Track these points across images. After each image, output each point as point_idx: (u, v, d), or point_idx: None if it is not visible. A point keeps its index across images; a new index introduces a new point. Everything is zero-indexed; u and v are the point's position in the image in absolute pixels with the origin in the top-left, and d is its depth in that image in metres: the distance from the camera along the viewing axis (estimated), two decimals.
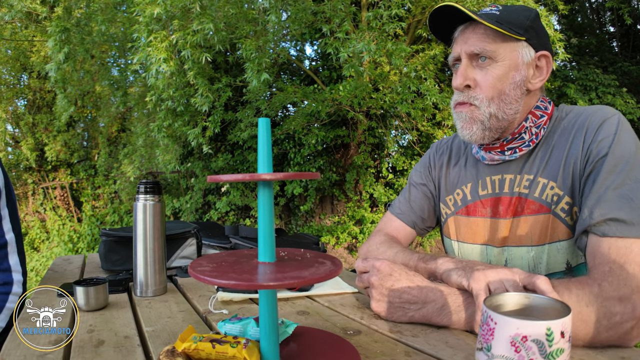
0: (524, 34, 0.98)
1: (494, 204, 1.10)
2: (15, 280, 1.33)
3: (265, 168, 0.66)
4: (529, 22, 0.99)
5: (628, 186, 0.86)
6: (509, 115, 1.01)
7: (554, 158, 1.00)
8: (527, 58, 1.00)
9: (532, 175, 1.03)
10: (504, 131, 1.04)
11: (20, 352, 0.77)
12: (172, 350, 0.68)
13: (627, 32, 9.86)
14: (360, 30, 4.45)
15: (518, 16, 1.00)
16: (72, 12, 5.33)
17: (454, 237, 1.22)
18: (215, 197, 7.38)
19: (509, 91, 0.99)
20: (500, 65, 0.99)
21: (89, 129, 9.37)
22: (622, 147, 0.90)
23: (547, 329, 0.55)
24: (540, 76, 1.03)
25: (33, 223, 8.57)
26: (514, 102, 1.00)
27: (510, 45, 0.99)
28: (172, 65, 4.31)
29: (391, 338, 0.84)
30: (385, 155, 7.80)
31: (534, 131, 1.03)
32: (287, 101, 6.18)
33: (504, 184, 1.08)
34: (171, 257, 1.48)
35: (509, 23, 0.98)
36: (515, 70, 0.99)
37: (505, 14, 0.99)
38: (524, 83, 1.00)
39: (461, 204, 1.18)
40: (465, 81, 1.01)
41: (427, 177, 1.31)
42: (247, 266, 0.65)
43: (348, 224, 7.19)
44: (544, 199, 1.00)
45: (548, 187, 1.00)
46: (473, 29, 1.01)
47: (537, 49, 1.01)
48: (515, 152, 1.05)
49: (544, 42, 1.03)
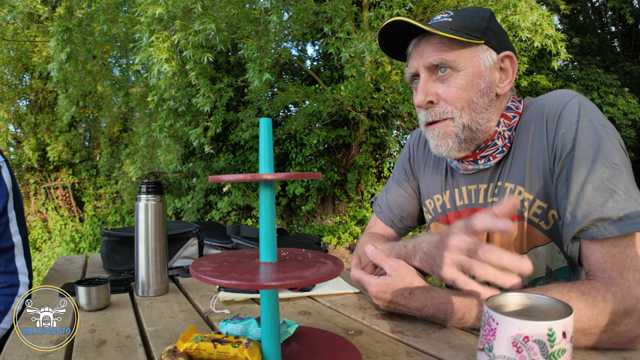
0: (481, 37, 0.92)
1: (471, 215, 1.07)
2: (21, 282, 1.34)
3: (266, 168, 0.67)
4: (485, 24, 0.93)
5: (606, 175, 0.79)
6: (481, 124, 0.94)
7: (517, 159, 0.95)
8: (489, 62, 0.93)
9: (500, 182, 0.98)
10: (478, 142, 0.98)
11: (22, 352, 0.77)
12: (173, 350, 0.68)
13: (628, 32, 9.84)
14: (362, 30, 4.45)
15: (472, 19, 0.93)
16: (73, 12, 5.34)
17: None
18: (217, 197, 7.39)
19: (477, 99, 0.93)
20: (463, 74, 0.92)
21: (91, 129, 9.39)
22: (587, 134, 0.83)
23: (548, 329, 0.55)
24: (507, 78, 0.97)
25: (35, 223, 8.59)
26: (484, 110, 0.94)
27: (469, 52, 0.92)
28: (174, 65, 4.32)
29: (393, 338, 0.84)
30: (386, 155, 7.80)
31: (506, 135, 0.97)
32: (289, 101, 6.18)
33: (479, 194, 1.03)
34: (173, 257, 1.48)
35: (464, 28, 0.91)
36: (479, 77, 0.93)
37: (458, 19, 0.93)
38: (490, 89, 0.94)
39: (441, 211, 1.14)
40: (427, 97, 0.94)
41: (409, 172, 1.25)
42: (248, 266, 0.65)
43: (349, 224, 7.19)
44: None
45: (516, 192, 0.94)
46: (427, 41, 0.94)
47: (498, 51, 0.95)
48: (489, 160, 0.99)
49: (504, 42, 0.96)
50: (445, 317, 0.85)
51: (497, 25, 0.96)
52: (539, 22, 4.56)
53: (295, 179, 6.38)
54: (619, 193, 0.77)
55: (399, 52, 1.03)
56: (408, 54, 1.00)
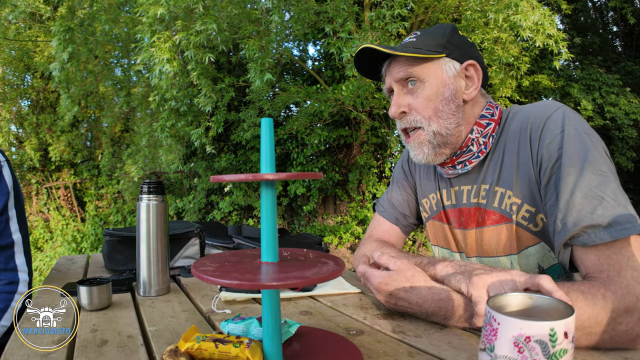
0: (442, 50, 1.01)
1: (457, 215, 1.13)
2: (21, 279, 1.35)
3: (268, 168, 0.67)
4: (446, 39, 1.02)
5: (594, 183, 0.81)
6: (450, 129, 1.02)
7: (506, 165, 1.00)
8: (452, 71, 1.02)
9: (487, 184, 1.03)
10: (453, 146, 1.05)
11: (24, 352, 0.78)
12: (175, 350, 0.68)
13: (630, 32, 9.83)
14: (363, 30, 4.44)
15: (434, 36, 1.03)
16: (75, 12, 5.34)
17: (434, 242, 1.24)
18: (218, 197, 7.39)
19: (442, 107, 1.01)
20: (428, 85, 1.01)
21: (93, 129, 9.39)
22: (573, 143, 0.87)
23: (550, 330, 0.55)
24: (473, 85, 1.04)
25: (37, 223, 8.60)
26: (451, 116, 1.02)
27: (432, 64, 1.02)
28: (176, 65, 4.32)
29: (394, 338, 0.84)
30: (388, 155, 7.79)
31: (481, 141, 1.04)
32: (290, 101, 6.17)
33: (462, 195, 1.10)
34: (174, 257, 1.48)
35: (426, 45, 1.02)
36: (443, 87, 1.01)
37: (421, 39, 1.04)
38: (455, 96, 1.02)
39: (436, 209, 1.20)
40: (400, 108, 1.05)
41: (408, 173, 1.33)
42: (250, 266, 0.65)
43: (351, 224, 7.19)
44: (504, 208, 1.00)
45: (506, 196, 0.99)
46: (396, 60, 1.05)
47: (461, 61, 1.03)
48: (465, 165, 1.07)
49: (467, 52, 1.05)
50: (446, 315, 0.85)
51: (460, 38, 1.06)
52: (540, 22, 4.55)
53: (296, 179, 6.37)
54: (608, 200, 0.79)
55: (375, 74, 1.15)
56: (383, 74, 1.12)
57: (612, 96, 7.67)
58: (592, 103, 7.55)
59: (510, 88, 6.86)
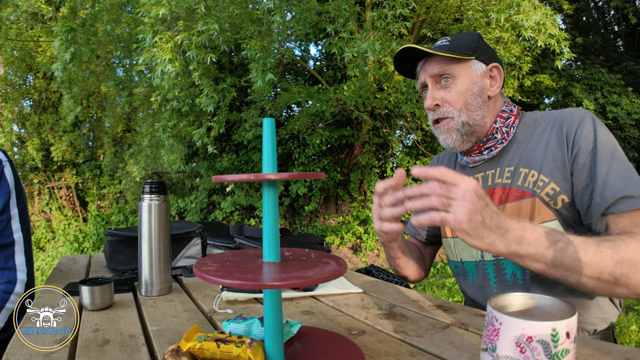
0: (472, 53, 1.17)
1: None
2: (18, 279, 1.34)
3: (269, 168, 0.67)
4: (475, 44, 1.19)
5: (622, 168, 1.00)
6: (477, 120, 1.18)
7: (533, 151, 1.14)
8: (480, 71, 1.18)
9: (512, 166, 1.17)
10: (478, 136, 1.20)
11: (26, 351, 0.78)
12: (177, 350, 0.68)
13: (632, 32, 9.81)
14: (365, 30, 4.44)
15: (464, 41, 1.19)
16: (77, 12, 5.35)
17: (449, 235, 1.32)
18: (220, 197, 7.40)
19: (472, 101, 1.17)
20: (460, 81, 1.17)
21: (95, 129, 9.41)
22: (604, 138, 1.05)
23: (552, 330, 0.55)
24: (496, 83, 1.21)
25: (39, 223, 8.61)
26: (479, 109, 1.18)
27: (464, 65, 1.18)
28: (177, 65, 4.32)
29: (396, 338, 0.84)
30: (389, 155, 7.79)
31: (504, 130, 1.20)
32: (292, 101, 6.17)
33: (487, 179, 1.22)
34: (176, 257, 1.48)
35: (458, 48, 1.17)
36: (472, 84, 1.17)
37: (454, 43, 1.19)
38: (482, 92, 1.18)
39: None
40: (435, 101, 1.19)
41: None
42: (251, 266, 0.65)
43: (352, 224, 7.19)
44: (527, 186, 1.12)
45: (529, 175, 1.12)
46: (432, 60, 1.20)
47: (487, 63, 1.19)
48: (491, 150, 1.21)
49: (491, 56, 1.22)
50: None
51: (485, 44, 1.23)
52: (542, 22, 4.54)
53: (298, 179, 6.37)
54: (636, 180, 0.98)
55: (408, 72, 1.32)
56: (417, 72, 1.27)
57: (614, 96, 7.66)
58: (594, 103, 7.54)
59: (512, 88, 6.86)
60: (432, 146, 7.32)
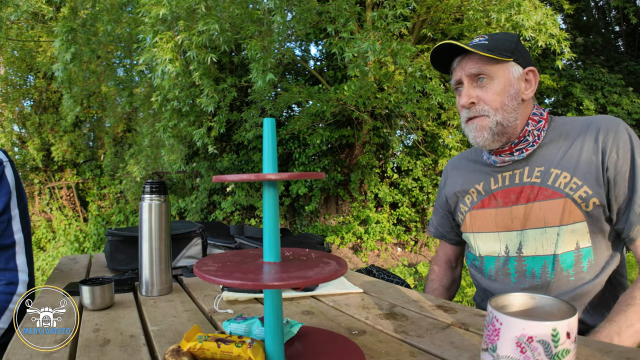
0: (511, 55, 1.18)
1: (506, 195, 1.26)
2: (20, 280, 1.34)
3: (270, 168, 0.67)
4: (514, 46, 1.19)
5: None
6: (511, 122, 1.19)
7: (568, 155, 1.16)
8: (516, 74, 1.19)
9: (543, 167, 1.19)
10: (509, 136, 1.21)
11: (27, 351, 0.78)
12: (177, 350, 0.68)
13: (632, 31, 9.80)
14: (365, 30, 4.44)
15: (504, 42, 1.19)
16: (78, 12, 5.35)
17: (470, 230, 1.35)
18: (221, 197, 7.40)
19: (508, 102, 1.18)
20: (497, 82, 1.18)
21: (95, 129, 9.40)
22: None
23: (552, 330, 0.55)
24: (530, 87, 1.22)
25: (39, 223, 8.61)
26: (513, 111, 1.19)
27: (502, 66, 1.18)
28: (178, 65, 4.32)
29: (396, 338, 0.84)
30: (390, 155, 7.79)
31: (535, 133, 1.22)
32: (292, 101, 6.17)
33: (515, 177, 1.24)
34: (176, 257, 1.48)
35: (497, 49, 1.17)
36: (509, 85, 1.18)
37: (492, 42, 1.19)
38: (517, 94, 1.19)
39: (477, 199, 1.34)
40: (470, 99, 1.20)
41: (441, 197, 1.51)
42: (252, 266, 0.65)
43: (353, 224, 7.18)
44: (557, 186, 1.15)
45: (561, 176, 1.15)
46: (469, 58, 1.21)
47: (524, 66, 1.20)
48: (522, 152, 1.23)
49: (528, 60, 1.22)
50: None
51: (522, 47, 1.22)
52: (543, 22, 4.54)
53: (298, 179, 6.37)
54: None
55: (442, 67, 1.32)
56: (453, 68, 1.27)
57: (615, 96, 7.66)
58: (594, 103, 7.53)
59: None
60: (433, 146, 7.31)
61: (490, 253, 1.29)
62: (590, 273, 1.14)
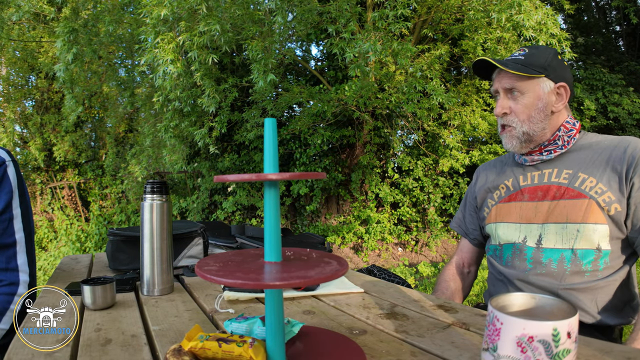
0: (543, 72, 1.28)
1: (533, 191, 1.35)
2: (21, 280, 1.33)
3: (271, 168, 0.67)
4: (548, 62, 1.29)
5: None
6: (537, 131, 1.31)
7: (594, 161, 1.26)
8: (547, 89, 1.30)
9: (571, 170, 1.28)
10: (538, 142, 1.33)
11: (28, 351, 0.78)
12: (178, 349, 0.69)
13: (633, 31, 9.78)
14: (366, 30, 4.44)
15: (539, 58, 1.30)
16: (79, 13, 5.36)
17: (494, 220, 1.43)
18: (222, 197, 7.40)
19: (535, 115, 1.30)
20: (527, 96, 1.30)
21: (97, 130, 9.41)
22: None
23: (553, 330, 0.55)
24: (562, 100, 1.31)
25: (41, 223, 8.61)
26: (540, 122, 1.31)
27: (533, 82, 1.29)
28: (179, 66, 4.32)
29: (397, 338, 0.84)
30: (391, 155, 7.79)
31: (565, 139, 1.32)
32: (293, 101, 6.17)
33: (544, 176, 1.34)
34: (178, 257, 1.48)
35: (531, 65, 1.29)
36: (538, 99, 1.30)
37: (528, 58, 1.31)
38: (546, 107, 1.30)
39: (504, 194, 1.43)
40: (503, 110, 1.34)
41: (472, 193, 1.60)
42: (253, 266, 0.65)
43: (354, 224, 7.18)
44: (583, 188, 1.23)
45: (588, 180, 1.24)
46: (505, 73, 1.33)
47: (556, 81, 1.30)
48: (550, 153, 1.34)
49: (561, 74, 1.31)
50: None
51: (558, 61, 1.32)
52: (543, 21, 4.54)
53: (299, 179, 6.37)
54: None
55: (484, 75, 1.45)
56: (493, 78, 1.41)
57: (615, 96, 7.65)
58: (595, 103, 7.52)
59: None
60: (433, 146, 7.31)
61: (508, 241, 1.37)
62: (604, 272, 1.21)
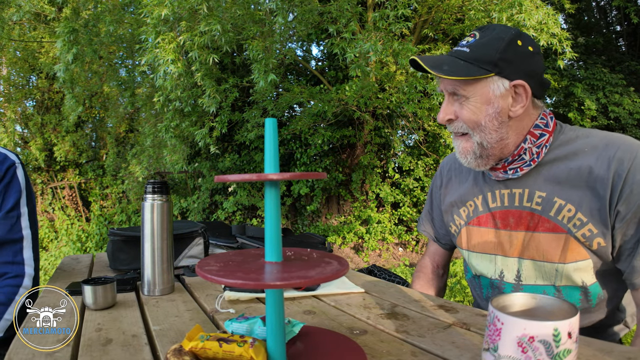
0: (492, 69, 1.00)
1: (504, 217, 1.13)
2: (26, 273, 1.37)
3: (271, 168, 0.67)
4: (499, 55, 1.00)
5: None
6: (492, 143, 1.05)
7: (573, 182, 1.02)
8: (499, 91, 1.01)
9: (544, 192, 1.05)
10: (498, 156, 1.08)
11: (29, 351, 0.78)
12: (179, 349, 0.69)
13: (634, 31, 9.77)
14: (367, 30, 4.44)
15: (488, 49, 1.01)
16: (80, 13, 5.36)
17: (465, 247, 1.25)
18: (222, 197, 7.40)
19: (485, 122, 1.03)
20: (472, 101, 1.03)
21: (97, 130, 9.42)
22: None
23: (554, 330, 0.55)
24: (521, 102, 1.03)
25: (42, 222, 8.62)
26: (493, 131, 1.04)
27: (479, 83, 1.02)
28: (180, 66, 4.33)
29: (397, 338, 0.84)
30: (391, 155, 7.79)
31: (534, 151, 1.06)
32: (294, 101, 6.18)
33: (514, 198, 1.11)
34: (178, 257, 1.48)
35: (477, 60, 1.01)
36: (487, 104, 1.02)
37: (475, 50, 1.02)
38: (500, 113, 1.03)
39: (473, 215, 1.22)
40: (446, 116, 1.09)
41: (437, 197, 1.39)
42: (254, 266, 0.65)
43: (354, 224, 7.18)
44: (561, 219, 1.03)
45: (565, 209, 1.02)
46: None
47: (511, 79, 1.01)
48: (517, 171, 1.09)
49: (519, 68, 1.02)
50: None
51: (515, 51, 1.01)
52: (544, 21, 4.54)
53: (300, 179, 6.38)
54: None
55: None
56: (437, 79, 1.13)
57: (616, 96, 7.64)
58: (595, 103, 7.52)
59: None
60: (434, 146, 7.31)
61: (484, 274, 1.20)
62: (599, 305, 1.07)
